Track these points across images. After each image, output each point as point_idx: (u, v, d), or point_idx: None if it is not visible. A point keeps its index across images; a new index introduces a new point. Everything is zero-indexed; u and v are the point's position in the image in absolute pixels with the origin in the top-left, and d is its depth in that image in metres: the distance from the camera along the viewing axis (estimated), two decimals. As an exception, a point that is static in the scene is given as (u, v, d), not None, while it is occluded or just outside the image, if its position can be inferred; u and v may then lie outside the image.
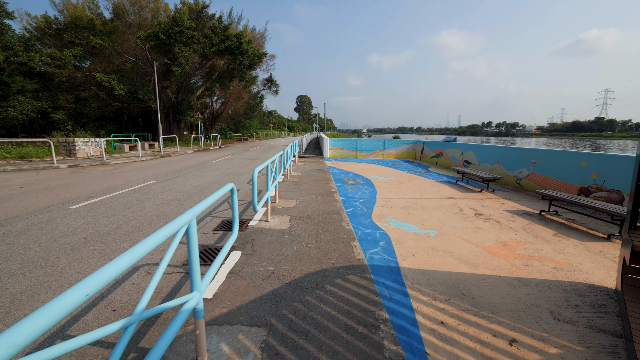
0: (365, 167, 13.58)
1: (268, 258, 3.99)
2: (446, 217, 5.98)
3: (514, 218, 5.96)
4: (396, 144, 18.07)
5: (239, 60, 23.33)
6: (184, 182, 9.42)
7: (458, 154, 12.95)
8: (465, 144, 12.65)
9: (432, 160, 15.52)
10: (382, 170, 12.58)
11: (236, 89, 39.63)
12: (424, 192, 8.33)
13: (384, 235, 4.91)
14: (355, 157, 17.94)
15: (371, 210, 6.43)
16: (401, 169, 13.11)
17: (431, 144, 15.82)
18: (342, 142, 18.22)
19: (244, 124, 51.39)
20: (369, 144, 18.12)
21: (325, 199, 7.34)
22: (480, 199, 7.56)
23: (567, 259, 4.11)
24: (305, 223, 5.47)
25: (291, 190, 8.41)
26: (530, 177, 8.69)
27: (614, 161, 6.39)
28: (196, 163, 14.67)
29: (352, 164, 14.81)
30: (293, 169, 12.66)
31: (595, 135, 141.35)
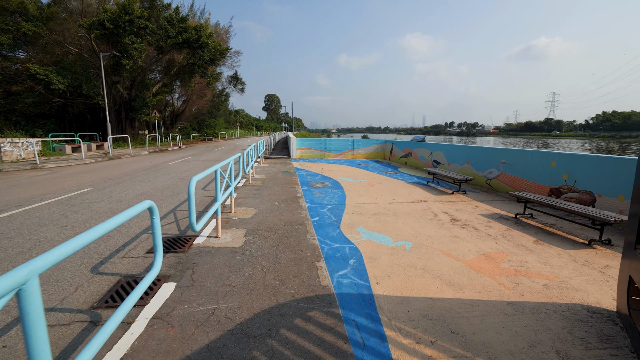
0: (334, 168, 12.96)
1: (210, 291, 3.15)
2: (421, 224, 5.45)
3: (490, 223, 5.57)
4: (365, 144, 17.69)
5: (199, 54, 21.75)
6: (126, 189, 8.17)
7: (427, 153, 12.74)
8: (434, 143, 12.46)
9: (401, 160, 15.28)
10: (352, 171, 12.03)
11: (198, 86, 37.53)
12: (396, 195, 7.83)
13: (354, 250, 4.23)
14: (324, 158, 17.31)
15: (340, 218, 5.75)
16: (371, 169, 12.65)
17: (400, 144, 15.58)
18: (310, 142, 17.50)
19: (208, 123, 49.01)
20: (338, 144, 17.57)
21: (289, 206, 6.55)
22: (453, 202, 7.18)
23: (555, 272, 3.68)
24: (264, 238, 4.65)
25: (252, 196, 7.53)
26: (501, 178, 8.51)
27: (584, 161, 6.24)
28: (148, 166, 13.21)
29: (320, 165, 14.14)
30: (257, 172, 11.72)
31: (545, 134, 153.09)
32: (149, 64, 24.29)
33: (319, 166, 13.50)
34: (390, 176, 10.91)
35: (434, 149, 12.22)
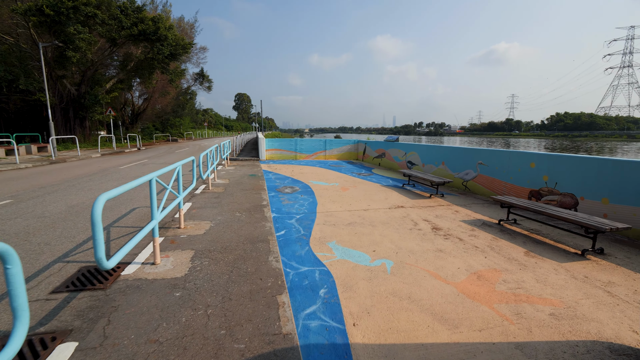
0: (306, 170, 12.20)
1: (125, 354, 2.26)
2: (401, 235, 4.83)
3: (475, 232, 5.06)
4: (338, 144, 17.08)
5: (158, 48, 20.04)
6: (57, 201, 6.89)
7: (401, 154, 12.33)
8: (408, 144, 12.07)
9: (374, 160, 14.82)
10: (324, 173, 11.32)
11: (160, 83, 35.23)
12: (371, 200, 7.20)
13: (325, 275, 3.49)
14: (295, 159, 16.48)
15: (310, 231, 4.99)
16: (344, 171, 12.02)
17: (373, 144, 15.12)
18: (280, 143, 16.60)
19: (173, 122, 46.35)
20: (309, 144, 16.81)
21: (252, 217, 5.69)
22: (432, 207, 6.67)
23: (558, 294, 3.16)
24: (215, 262, 3.78)
25: (209, 205, 6.57)
26: (478, 179, 8.17)
27: (565, 162, 5.95)
28: (95, 170, 11.70)
29: (291, 166, 13.30)
30: (220, 176, 10.68)
31: (506, 134, 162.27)
32: (102, 58, 22.10)
33: (289, 168, 12.66)
34: (364, 178, 10.32)
35: (407, 150, 11.82)
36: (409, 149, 11.77)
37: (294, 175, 10.69)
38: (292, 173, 11.27)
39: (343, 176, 10.75)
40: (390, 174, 11.59)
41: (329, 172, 11.61)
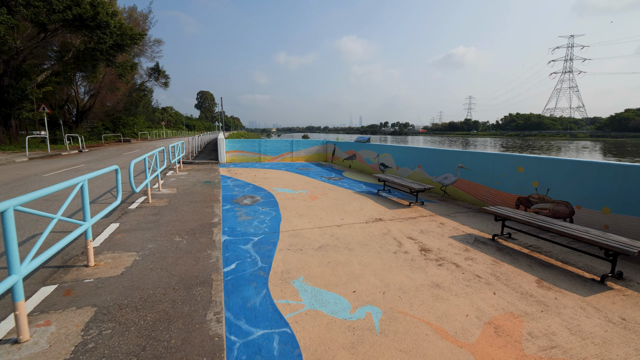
0: (270, 174, 10.95)
1: None
2: (385, 263, 3.84)
3: (470, 253, 4.22)
4: (306, 144, 15.98)
5: (99, 36, 17.59)
6: None
7: (373, 156, 11.51)
8: (380, 145, 11.28)
9: (345, 162, 13.91)
10: (291, 178, 10.17)
11: (108, 77, 31.91)
12: (345, 212, 6.20)
13: (289, 344, 2.38)
14: (259, 162, 15.13)
15: (270, 261, 3.85)
16: (312, 175, 10.95)
17: (343, 145, 14.21)
18: (242, 144, 15.15)
19: (125, 121, 42.48)
20: (275, 145, 15.53)
21: (195, 243, 4.42)
22: (414, 219, 5.81)
23: (605, 355, 2.32)
24: (121, 332, 2.51)
25: (143, 226, 5.17)
26: (458, 184, 7.49)
27: (558, 167, 5.34)
28: (9, 179, 9.57)
29: (254, 170, 11.98)
30: (168, 184, 9.13)
31: (465, 133, 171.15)
32: (31, 46, 19.08)
33: (251, 172, 11.34)
34: (335, 184, 9.33)
35: (380, 151, 11.02)
36: (381, 150, 10.97)
37: (256, 182, 9.42)
38: (255, 178, 9.99)
39: (311, 181, 9.68)
40: (363, 177, 10.71)
41: (295, 177, 10.47)
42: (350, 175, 11.20)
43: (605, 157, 36.90)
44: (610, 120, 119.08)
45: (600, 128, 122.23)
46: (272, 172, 11.46)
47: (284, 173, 11.34)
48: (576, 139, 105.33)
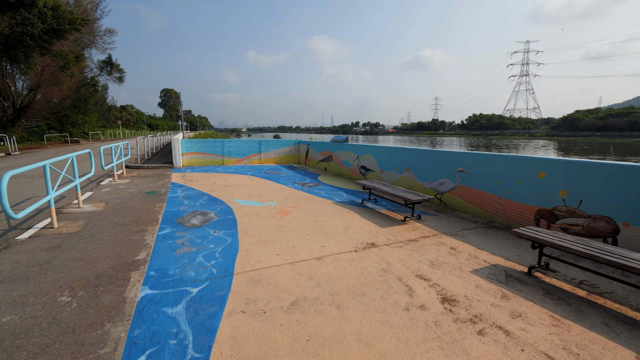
0: (233, 180, 9.23)
1: None
2: (398, 338, 2.41)
3: (512, 303, 2.90)
4: (276, 145, 14.33)
5: (24, 17, 14.75)
6: None
7: (352, 158, 10.14)
8: (361, 145, 9.94)
9: (320, 165, 12.45)
10: (257, 185, 8.53)
11: (50, 69, 28.12)
12: (325, 233, 4.72)
13: None
14: (222, 165, 13.27)
15: (208, 348, 2.27)
16: (283, 181, 9.37)
17: (318, 145, 12.75)
18: (202, 145, 13.19)
19: (74, 120, 38.17)
20: (240, 145, 13.72)
21: (87, 311, 2.72)
22: (415, 241, 4.45)
23: None
24: None
25: (17, 274, 3.34)
26: (458, 192, 6.28)
27: (594, 172, 4.21)
28: None
29: (214, 176, 10.17)
30: (98, 196, 7.14)
31: (433, 133, 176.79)
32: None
33: (210, 179, 9.54)
34: (310, 191, 7.83)
35: (361, 152, 9.67)
36: (362, 151, 9.62)
37: (213, 191, 7.69)
38: (213, 187, 8.23)
39: (282, 189, 8.10)
40: (342, 183, 9.30)
41: (263, 184, 8.83)
42: (327, 180, 9.75)
43: (568, 155, 38.50)
44: (562, 120, 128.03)
45: (554, 128, 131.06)
46: (235, 178, 9.72)
47: (249, 179, 9.65)
48: (534, 137, 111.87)
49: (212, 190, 7.76)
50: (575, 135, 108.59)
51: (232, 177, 9.99)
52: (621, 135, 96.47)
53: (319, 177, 10.33)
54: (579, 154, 37.46)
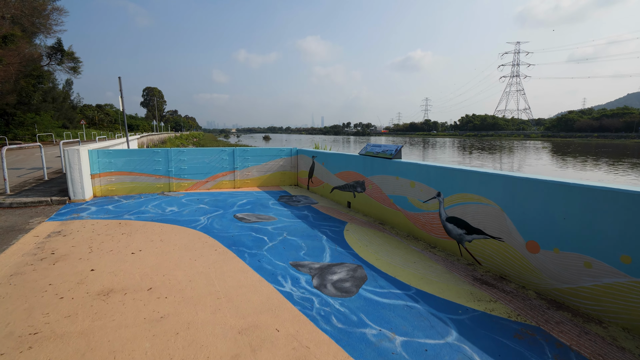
0: (153, 256, 3.84)
1: None
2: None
3: None
4: (260, 156, 8.91)
5: None
6: None
7: (424, 193, 4.77)
8: (441, 167, 4.57)
9: (336, 196, 7.12)
10: (199, 300, 3.16)
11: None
12: None
13: None
14: (167, 192, 7.80)
15: None
16: (274, 255, 4.01)
17: (332, 160, 7.38)
18: (129, 159, 7.65)
19: (22, 119, 31.84)
20: (200, 159, 8.25)
21: None
22: None
23: None
24: None
25: None
26: None
27: None
28: None
29: (123, 235, 4.72)
30: None
31: (426, 134, 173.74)
32: None
33: (105, 248, 4.11)
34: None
35: (448, 183, 4.34)
36: (453, 180, 4.27)
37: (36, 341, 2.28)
38: (58, 307, 2.83)
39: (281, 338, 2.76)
40: (409, 258, 4.01)
41: (217, 287, 3.46)
42: (377, 249, 4.43)
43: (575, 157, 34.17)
44: (557, 121, 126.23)
45: (549, 129, 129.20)
46: (172, 234, 4.31)
47: (199, 241, 4.26)
48: (529, 138, 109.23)
49: (38, 334, 2.33)
50: (571, 136, 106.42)
51: (167, 230, 4.53)
52: (618, 136, 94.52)
53: (346, 228, 5.00)
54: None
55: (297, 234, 4.77)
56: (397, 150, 5.22)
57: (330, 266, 3.65)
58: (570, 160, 31.62)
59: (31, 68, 26.94)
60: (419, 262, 3.82)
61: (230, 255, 3.91)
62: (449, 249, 4.15)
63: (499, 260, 3.51)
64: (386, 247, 4.29)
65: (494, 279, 3.42)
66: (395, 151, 5.24)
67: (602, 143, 72.13)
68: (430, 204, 4.46)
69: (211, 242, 4.34)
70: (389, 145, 5.56)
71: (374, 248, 4.27)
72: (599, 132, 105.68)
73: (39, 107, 33.12)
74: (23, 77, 27.30)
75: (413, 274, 3.51)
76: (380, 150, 5.62)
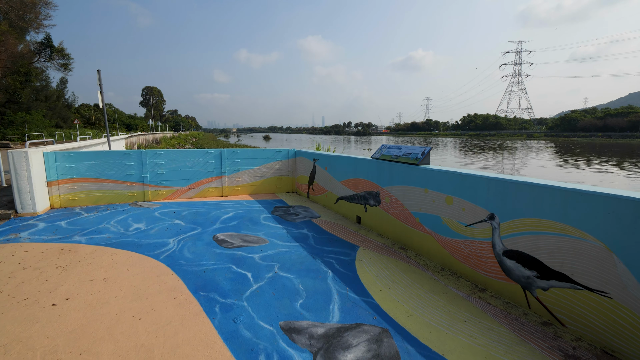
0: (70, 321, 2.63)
1: None
2: None
3: None
4: (252, 159, 7.67)
5: None
6: None
7: (478, 213, 3.58)
8: (493, 178, 3.34)
9: (342, 208, 5.88)
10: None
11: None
12: None
13: None
14: (142, 202, 6.58)
15: None
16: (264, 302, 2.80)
17: (337, 163, 6.16)
18: (94, 162, 6.41)
19: (11, 118, 30.66)
20: (181, 161, 7.02)
21: None
22: None
23: None
24: None
25: None
26: None
27: None
28: None
29: (78, 255, 3.51)
30: None
31: (427, 133, 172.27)
32: None
33: (30, 288, 2.91)
34: None
35: (506, 199, 3.13)
36: (507, 197, 3.06)
37: None
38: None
39: None
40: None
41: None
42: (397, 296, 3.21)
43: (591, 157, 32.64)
44: (560, 120, 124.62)
45: (552, 128, 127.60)
46: (105, 287, 3.09)
47: (144, 300, 3.05)
48: (532, 138, 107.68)
49: None
50: (575, 136, 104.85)
51: (93, 284, 3.31)
52: (623, 136, 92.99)
53: (358, 254, 3.79)
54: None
55: (293, 267, 3.54)
56: (424, 153, 3.98)
57: (340, 331, 2.42)
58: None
59: (19, 65, 25.69)
60: (472, 322, 2.59)
61: (194, 310, 2.68)
62: (507, 295, 2.92)
63: (601, 325, 2.28)
64: (417, 291, 3.06)
65: (595, 355, 2.19)
66: (422, 155, 3.99)
67: (607, 143, 70.64)
68: (476, 229, 3.23)
69: (173, 283, 3.11)
70: (411, 147, 4.32)
71: (400, 292, 3.03)
72: (603, 132, 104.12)
73: (30, 105, 31.91)
74: (10, 74, 26.09)
75: (469, 345, 2.28)
76: (400, 154, 4.37)
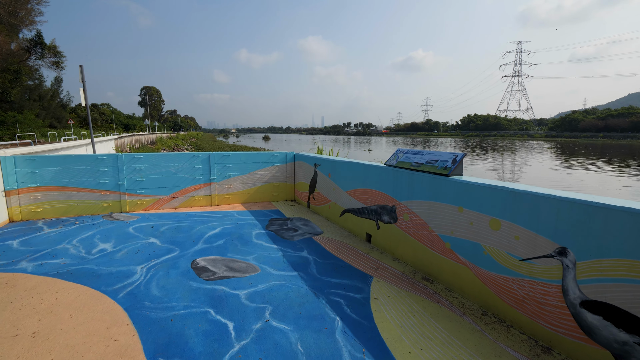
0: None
1: None
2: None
3: None
4: (247, 163, 6.80)
5: None
6: None
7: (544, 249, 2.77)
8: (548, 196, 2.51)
9: (348, 219, 5.06)
10: None
11: None
12: None
13: None
14: (120, 211, 5.74)
15: None
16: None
17: (342, 170, 5.34)
18: (62, 168, 5.58)
19: (2, 118, 29.82)
20: (163, 166, 6.19)
21: None
22: None
23: None
24: None
25: None
26: None
27: None
28: None
29: (14, 293, 2.68)
30: None
31: (427, 134, 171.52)
32: None
33: None
34: None
35: None
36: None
37: None
38: None
39: None
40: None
41: None
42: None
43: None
44: (561, 121, 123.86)
45: (552, 129, 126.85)
46: (30, 349, 2.27)
47: None
48: (533, 139, 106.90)
49: None
50: (576, 137, 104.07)
51: (17, 341, 2.47)
52: (624, 137, 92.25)
53: (373, 304, 2.95)
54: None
55: (289, 311, 2.70)
56: (455, 161, 3.15)
57: None
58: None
59: (8, 63, 24.83)
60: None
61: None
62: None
63: None
64: (460, 353, 2.22)
65: None
66: (452, 163, 3.16)
67: (609, 144, 69.87)
68: (537, 266, 2.39)
69: (125, 341, 2.27)
70: (437, 152, 3.48)
71: (437, 355, 2.19)
72: (604, 132, 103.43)
73: (22, 105, 31.02)
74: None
75: None
76: (423, 161, 3.53)
